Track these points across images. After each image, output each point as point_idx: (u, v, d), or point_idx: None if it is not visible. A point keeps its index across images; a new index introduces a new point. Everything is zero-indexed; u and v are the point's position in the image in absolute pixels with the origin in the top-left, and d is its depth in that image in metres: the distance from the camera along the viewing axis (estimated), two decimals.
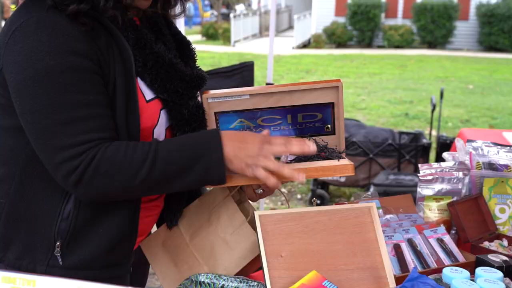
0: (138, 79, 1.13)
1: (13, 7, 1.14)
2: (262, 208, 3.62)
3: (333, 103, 1.23)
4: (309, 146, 1.09)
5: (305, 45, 17.20)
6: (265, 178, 1.07)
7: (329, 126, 1.26)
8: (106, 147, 1.04)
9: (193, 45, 1.32)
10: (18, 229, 1.12)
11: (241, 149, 1.07)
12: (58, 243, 1.10)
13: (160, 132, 1.17)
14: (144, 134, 1.13)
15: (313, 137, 1.26)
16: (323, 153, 1.22)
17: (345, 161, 1.17)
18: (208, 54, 14.05)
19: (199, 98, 1.27)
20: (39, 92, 1.01)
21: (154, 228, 1.34)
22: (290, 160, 1.23)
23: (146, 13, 1.23)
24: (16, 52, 1.02)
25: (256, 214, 1.19)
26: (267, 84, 3.76)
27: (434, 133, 5.90)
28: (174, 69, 1.16)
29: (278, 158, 1.24)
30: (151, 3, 1.20)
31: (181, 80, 1.17)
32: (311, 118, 1.26)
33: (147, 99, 1.14)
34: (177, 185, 1.07)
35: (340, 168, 1.15)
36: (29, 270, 1.11)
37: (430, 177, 1.55)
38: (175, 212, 1.27)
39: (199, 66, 1.30)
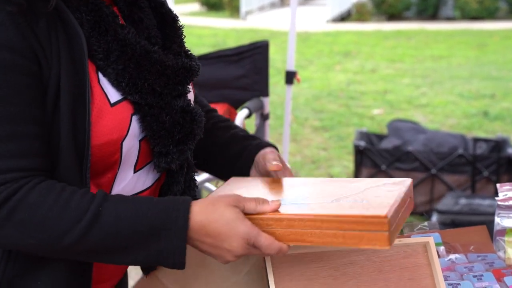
0: (100, 75, 1.14)
1: None
2: None
3: None
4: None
5: (343, 18, 17.23)
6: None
7: None
8: (31, 188, 1.05)
9: (190, 19, 1.32)
10: None
11: (214, 248, 1.11)
12: None
13: (131, 146, 1.17)
14: (108, 150, 1.13)
15: None
16: None
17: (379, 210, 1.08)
18: (209, 31, 14.14)
19: (190, 95, 1.28)
20: None
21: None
22: None
23: None
24: None
25: None
26: (287, 72, 3.76)
27: None
28: (149, 60, 1.16)
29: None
30: None
31: (160, 74, 1.18)
32: None
33: (112, 102, 1.14)
34: (119, 260, 1.11)
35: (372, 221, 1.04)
36: None
37: None
38: None
39: (189, 51, 1.31)
